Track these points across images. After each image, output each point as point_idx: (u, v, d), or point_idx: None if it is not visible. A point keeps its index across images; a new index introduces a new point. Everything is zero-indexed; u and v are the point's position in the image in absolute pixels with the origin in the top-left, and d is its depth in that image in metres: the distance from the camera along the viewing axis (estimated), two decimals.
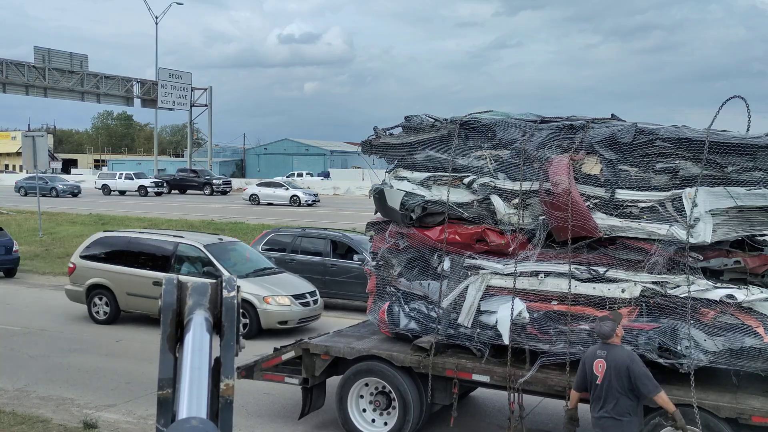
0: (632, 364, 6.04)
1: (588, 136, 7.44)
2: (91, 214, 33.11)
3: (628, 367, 6.01)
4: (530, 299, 7.50)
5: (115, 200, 47.04)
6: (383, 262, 8.48)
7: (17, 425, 8.32)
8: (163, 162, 79.23)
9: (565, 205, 7.16)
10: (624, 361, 6.05)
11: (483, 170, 7.85)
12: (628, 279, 7.08)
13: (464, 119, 8.10)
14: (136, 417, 8.81)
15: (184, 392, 1.42)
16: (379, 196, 8.37)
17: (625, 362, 6.04)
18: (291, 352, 8.39)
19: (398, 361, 7.86)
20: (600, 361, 6.15)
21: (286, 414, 9.01)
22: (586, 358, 6.35)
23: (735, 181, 6.74)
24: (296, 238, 16.04)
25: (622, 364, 6.03)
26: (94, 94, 55.81)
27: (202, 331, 1.53)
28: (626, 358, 6.09)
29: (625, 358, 6.09)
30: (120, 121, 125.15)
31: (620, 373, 6.02)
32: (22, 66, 49.95)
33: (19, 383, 9.97)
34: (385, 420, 8.10)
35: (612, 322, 6.23)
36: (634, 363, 6.06)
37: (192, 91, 63.46)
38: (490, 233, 7.80)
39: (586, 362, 6.31)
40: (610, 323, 6.22)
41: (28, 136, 26.15)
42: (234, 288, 1.62)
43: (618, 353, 6.12)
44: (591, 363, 6.22)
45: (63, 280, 18.95)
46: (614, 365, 6.05)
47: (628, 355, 6.14)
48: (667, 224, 6.90)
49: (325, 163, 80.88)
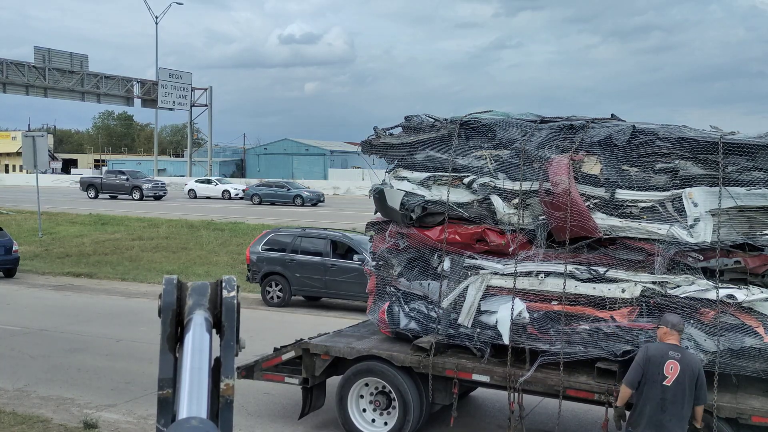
0: (702, 370, 5.98)
1: (588, 136, 7.44)
2: (90, 214, 33.13)
3: (700, 372, 5.93)
4: (530, 299, 7.51)
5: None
6: (383, 262, 8.48)
7: (17, 425, 8.32)
8: (163, 162, 79.32)
9: (565, 205, 7.16)
10: (698, 366, 5.96)
11: (483, 170, 7.85)
12: (628, 279, 7.08)
13: (464, 119, 8.10)
14: (136, 417, 8.81)
15: (184, 392, 1.42)
16: (379, 196, 8.37)
17: (699, 367, 5.95)
18: (291, 352, 8.39)
19: (398, 361, 7.86)
20: (673, 363, 5.88)
21: (286, 414, 9.01)
22: (652, 356, 5.98)
23: (735, 181, 6.74)
24: (296, 238, 16.05)
25: (696, 369, 5.90)
26: (95, 94, 55.89)
27: (202, 331, 1.53)
28: (699, 363, 6.02)
29: (698, 363, 6.00)
30: (120, 121, 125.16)
31: (693, 378, 5.87)
32: (22, 66, 50.02)
33: (19, 383, 9.97)
34: (385, 420, 8.11)
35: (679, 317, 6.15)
36: (703, 370, 6.01)
37: (192, 91, 63.55)
38: (490, 233, 7.81)
39: (653, 360, 5.95)
40: (678, 316, 6.15)
41: (28, 136, 26.17)
42: (234, 288, 1.63)
43: (693, 358, 6.03)
44: (661, 363, 5.91)
45: (63, 280, 18.99)
46: (690, 370, 5.87)
47: (700, 362, 6.08)
48: (667, 224, 6.91)
49: (325, 163, 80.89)
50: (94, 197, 46.14)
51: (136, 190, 45.41)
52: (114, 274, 19.65)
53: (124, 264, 21.17)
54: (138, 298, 16.53)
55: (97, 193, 46.59)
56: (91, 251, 23.30)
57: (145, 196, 45.27)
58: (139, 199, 44.99)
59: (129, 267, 20.70)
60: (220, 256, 22.40)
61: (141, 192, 45.38)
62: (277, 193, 45.32)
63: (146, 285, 18.29)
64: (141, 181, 46.96)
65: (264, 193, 45.88)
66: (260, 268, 16.00)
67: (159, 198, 46.12)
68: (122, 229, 28.48)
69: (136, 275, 19.51)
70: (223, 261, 21.65)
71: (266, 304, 15.83)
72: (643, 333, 6.85)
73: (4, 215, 32.33)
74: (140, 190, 45.40)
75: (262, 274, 15.98)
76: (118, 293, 17.30)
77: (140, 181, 46.89)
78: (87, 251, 23.28)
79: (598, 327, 7.08)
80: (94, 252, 23.21)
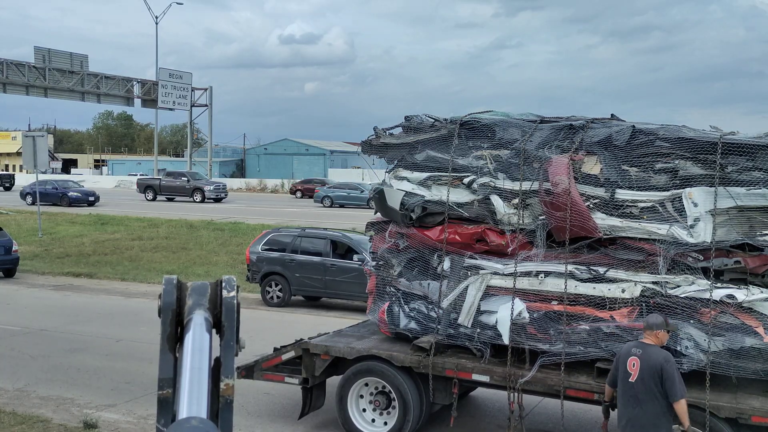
0: (666, 364, 5.90)
1: (588, 136, 7.45)
2: (90, 214, 33.13)
3: (662, 367, 5.88)
4: (530, 299, 7.51)
5: None
6: (383, 262, 8.48)
7: (17, 425, 8.32)
8: (164, 162, 79.25)
9: (565, 205, 7.16)
10: (658, 361, 5.91)
11: (483, 170, 7.85)
12: (628, 279, 7.08)
13: (464, 119, 8.10)
14: (136, 417, 8.81)
15: (184, 392, 1.42)
16: (379, 196, 8.37)
17: (659, 362, 5.90)
18: (291, 352, 8.39)
19: (398, 361, 7.86)
20: (634, 359, 5.99)
21: (286, 414, 9.01)
22: (620, 355, 6.20)
23: (735, 181, 6.74)
24: (296, 238, 16.05)
25: (657, 365, 5.89)
26: (95, 94, 55.84)
27: (202, 331, 1.53)
28: (661, 358, 5.94)
29: (660, 358, 5.94)
30: (120, 121, 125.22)
31: (654, 373, 5.88)
32: (22, 66, 49.98)
33: (19, 383, 9.97)
34: (385, 420, 8.11)
35: (661, 318, 6.14)
36: (668, 364, 5.92)
37: (192, 91, 63.50)
38: (490, 233, 7.81)
39: (620, 359, 6.16)
40: (660, 317, 6.15)
41: (28, 136, 26.19)
42: (234, 288, 1.63)
43: (653, 352, 5.98)
44: (625, 360, 6.07)
45: (63, 280, 19.00)
46: (648, 365, 5.91)
47: (664, 356, 5.99)
48: (667, 224, 6.91)
49: (325, 163, 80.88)
50: (152, 199, 45.06)
51: (198, 192, 44.46)
52: (114, 274, 19.66)
53: (124, 264, 21.18)
54: (138, 298, 16.53)
55: (156, 195, 45.53)
56: (91, 251, 23.30)
57: (206, 198, 44.30)
58: (200, 201, 43.96)
59: (129, 267, 20.70)
60: (220, 256, 22.40)
61: (203, 194, 44.42)
62: (350, 195, 43.51)
63: (146, 285, 18.29)
64: (202, 183, 46.13)
65: (336, 195, 44.14)
66: (260, 268, 16.00)
67: (219, 200, 45.09)
68: (122, 229, 28.49)
69: (135, 275, 19.51)
70: (223, 261, 21.66)
71: (266, 304, 15.83)
72: (643, 333, 6.85)
73: (4, 215, 32.33)
74: (202, 192, 44.48)
75: (262, 274, 15.98)
76: (118, 293, 17.30)
77: (201, 183, 46.05)
78: (87, 251, 23.29)
79: (598, 327, 7.09)
80: (94, 252, 23.22)
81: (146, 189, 46.51)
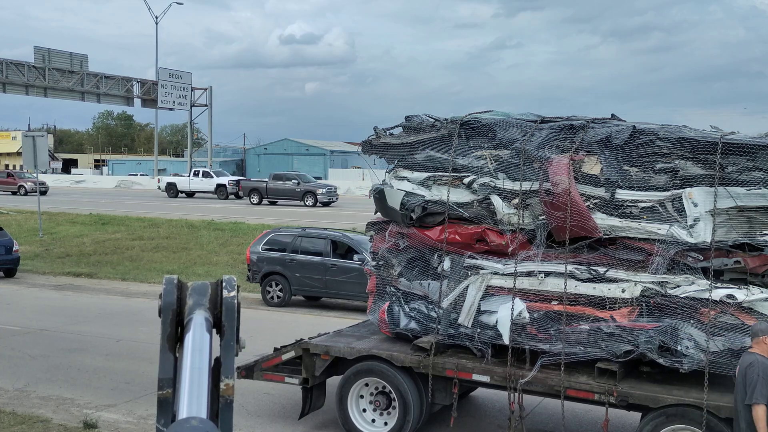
0: (750, 368, 5.57)
1: (588, 136, 7.44)
2: (91, 213, 33.12)
3: (746, 370, 5.59)
4: (530, 299, 7.51)
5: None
6: (383, 262, 8.48)
7: (17, 425, 8.32)
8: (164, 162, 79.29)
9: (565, 205, 7.16)
10: (743, 365, 5.62)
11: (483, 170, 7.85)
12: (628, 279, 7.08)
13: (464, 119, 8.10)
14: (136, 417, 8.81)
15: (184, 392, 1.42)
16: (379, 196, 8.37)
17: (744, 365, 5.61)
18: (291, 352, 8.39)
19: (398, 361, 7.86)
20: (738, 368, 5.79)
21: (286, 414, 9.01)
22: None
23: (735, 181, 6.74)
24: (296, 238, 16.05)
25: (742, 369, 5.64)
26: (94, 94, 55.78)
27: (202, 331, 1.53)
28: (746, 363, 5.61)
29: (745, 363, 5.62)
30: (120, 121, 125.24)
31: (741, 379, 5.63)
32: (22, 66, 49.93)
33: (19, 383, 9.97)
34: (385, 420, 8.11)
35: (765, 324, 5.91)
36: (752, 367, 5.57)
37: (192, 91, 63.44)
38: (490, 233, 7.81)
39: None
40: (764, 323, 5.95)
41: (28, 136, 26.16)
42: (234, 288, 1.63)
43: (745, 357, 5.71)
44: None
45: (63, 279, 19.00)
46: (739, 371, 5.72)
47: (751, 360, 5.63)
48: (667, 224, 6.91)
49: (326, 163, 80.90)
50: (257, 203, 42.61)
51: (309, 196, 40.88)
52: (114, 274, 19.65)
53: (124, 264, 21.17)
54: (138, 298, 16.53)
55: (261, 199, 43.00)
56: (92, 251, 23.30)
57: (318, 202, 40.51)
58: (312, 205, 40.30)
59: (129, 267, 20.70)
60: (221, 256, 22.39)
61: (315, 197, 40.70)
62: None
63: (146, 285, 18.29)
64: (313, 186, 42.42)
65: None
66: (260, 268, 16.00)
67: (328, 204, 41.10)
68: (122, 229, 28.47)
69: (136, 275, 19.51)
70: (224, 261, 21.64)
71: (266, 304, 15.83)
72: (643, 333, 6.85)
73: (4, 215, 32.33)
74: (314, 196, 40.81)
75: (262, 274, 15.98)
76: (118, 293, 17.30)
77: (312, 186, 42.35)
78: (87, 251, 23.28)
79: (599, 327, 7.08)
80: (95, 252, 23.21)
81: (251, 192, 43.41)
